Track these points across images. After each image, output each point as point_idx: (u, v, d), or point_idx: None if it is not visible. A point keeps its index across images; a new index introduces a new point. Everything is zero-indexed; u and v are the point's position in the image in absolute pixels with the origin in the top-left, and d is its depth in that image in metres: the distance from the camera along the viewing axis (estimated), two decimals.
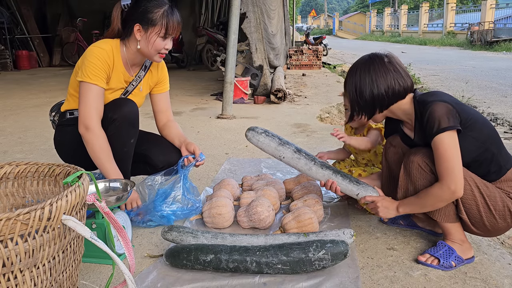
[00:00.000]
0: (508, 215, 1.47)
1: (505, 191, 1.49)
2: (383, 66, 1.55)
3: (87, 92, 1.72)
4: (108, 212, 1.16)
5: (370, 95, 1.55)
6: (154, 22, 1.73)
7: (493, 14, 19.45)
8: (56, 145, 1.97)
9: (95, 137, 1.71)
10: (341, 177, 1.76)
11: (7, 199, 1.30)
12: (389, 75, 1.54)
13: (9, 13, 10.25)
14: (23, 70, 9.87)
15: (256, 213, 1.80)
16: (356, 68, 1.60)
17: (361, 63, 1.60)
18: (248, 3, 5.68)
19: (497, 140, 1.51)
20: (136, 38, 1.77)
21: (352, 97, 1.60)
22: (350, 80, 1.60)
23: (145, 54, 1.81)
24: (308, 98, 5.85)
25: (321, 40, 14.42)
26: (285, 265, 1.45)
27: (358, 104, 1.60)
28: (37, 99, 5.61)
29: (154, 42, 1.75)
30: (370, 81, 1.55)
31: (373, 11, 40.48)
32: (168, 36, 1.77)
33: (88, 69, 1.72)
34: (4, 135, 3.71)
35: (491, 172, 1.50)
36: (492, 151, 1.49)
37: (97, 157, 1.73)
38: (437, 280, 1.46)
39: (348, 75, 1.64)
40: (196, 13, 11.85)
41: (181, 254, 1.51)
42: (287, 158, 1.80)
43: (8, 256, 0.89)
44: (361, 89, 1.57)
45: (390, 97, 1.55)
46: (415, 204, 1.57)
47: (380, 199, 1.69)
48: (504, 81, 7.53)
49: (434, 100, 1.47)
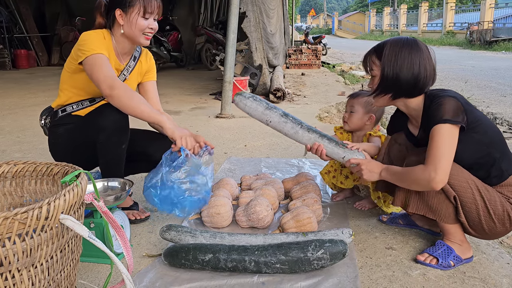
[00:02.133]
0: (507, 220, 1.47)
1: (505, 196, 1.48)
2: (424, 52, 1.54)
3: (96, 60, 1.70)
4: (106, 212, 1.16)
5: (406, 75, 1.52)
6: (132, 3, 1.77)
7: (493, 14, 19.46)
8: (50, 148, 1.93)
9: (122, 89, 1.67)
10: (327, 140, 1.78)
11: (5, 198, 1.29)
12: (428, 62, 1.54)
13: (8, 12, 10.22)
14: (22, 69, 9.84)
15: (255, 213, 1.80)
16: (398, 45, 1.55)
17: (403, 42, 1.56)
18: (248, 3, 5.68)
19: (501, 145, 1.51)
20: (120, 24, 1.80)
21: (386, 73, 1.55)
22: (390, 56, 1.54)
23: (131, 37, 1.82)
24: (307, 97, 5.85)
25: (320, 40, 14.41)
26: (283, 264, 1.45)
27: (391, 82, 1.55)
28: (35, 98, 5.60)
29: (136, 22, 1.78)
30: (410, 61, 1.52)
31: (373, 11, 40.49)
32: (148, 15, 1.79)
33: (90, 44, 1.72)
34: (2, 134, 3.71)
35: (492, 176, 1.49)
36: (495, 155, 1.48)
37: (130, 106, 1.68)
38: (436, 280, 1.46)
39: (387, 49, 1.56)
40: (195, 12, 11.82)
41: (179, 253, 1.51)
42: (274, 122, 1.80)
43: (6, 256, 0.89)
44: (400, 67, 1.52)
45: (421, 85, 1.54)
46: (395, 176, 1.58)
47: (366, 161, 1.69)
48: (503, 81, 7.54)
49: (445, 95, 1.48)
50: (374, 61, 1.59)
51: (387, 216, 1.92)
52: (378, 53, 1.59)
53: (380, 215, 1.94)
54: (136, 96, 1.72)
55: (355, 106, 2.05)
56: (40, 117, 2.01)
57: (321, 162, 2.80)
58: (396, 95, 1.58)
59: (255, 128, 3.92)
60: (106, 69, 1.70)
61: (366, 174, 1.66)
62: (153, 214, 2.01)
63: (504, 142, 1.53)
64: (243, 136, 3.63)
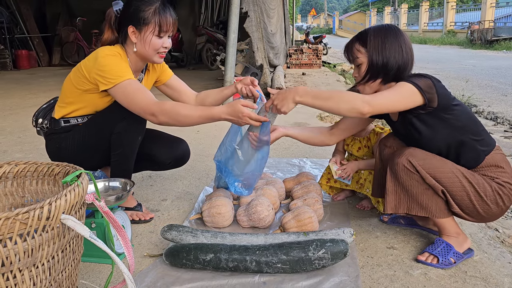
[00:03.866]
0: (500, 199, 1.49)
1: (490, 176, 1.51)
2: (406, 36, 1.59)
3: (127, 88, 1.62)
4: (108, 212, 1.16)
5: (395, 58, 1.54)
6: (146, 21, 1.68)
7: (493, 13, 19.44)
8: (51, 153, 1.87)
9: (166, 112, 1.60)
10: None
11: (6, 199, 1.29)
12: (410, 45, 1.59)
13: (9, 13, 10.23)
14: (23, 70, 9.85)
15: (256, 212, 1.80)
16: (381, 31, 1.58)
17: (386, 28, 1.59)
18: (249, 2, 5.67)
19: (475, 127, 1.54)
20: (132, 41, 1.72)
21: (375, 58, 1.56)
22: (376, 41, 1.56)
23: (144, 56, 1.75)
24: None
25: (321, 39, 14.42)
26: (285, 264, 1.45)
27: (380, 66, 1.56)
28: (36, 99, 5.60)
29: (150, 41, 1.70)
30: (397, 44, 1.55)
31: (373, 10, 40.44)
32: (163, 33, 1.71)
33: (112, 71, 1.63)
34: (3, 135, 3.71)
35: (469, 158, 1.52)
36: (469, 137, 1.51)
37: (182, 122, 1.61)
38: (437, 279, 1.46)
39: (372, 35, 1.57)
40: (196, 12, 11.83)
41: (180, 253, 1.51)
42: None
43: (7, 256, 0.89)
44: (388, 50, 1.55)
45: (408, 67, 1.57)
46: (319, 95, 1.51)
47: (275, 95, 1.59)
48: (504, 80, 7.53)
49: (422, 76, 1.53)
50: (359, 49, 1.59)
51: (388, 216, 1.91)
52: (362, 40, 1.59)
53: (381, 215, 1.94)
54: (181, 108, 1.62)
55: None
56: (35, 118, 1.91)
57: (322, 162, 2.80)
58: (386, 79, 1.59)
59: None
60: (143, 95, 1.62)
61: (281, 105, 1.55)
62: (155, 214, 2.01)
63: (480, 125, 1.56)
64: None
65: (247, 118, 1.54)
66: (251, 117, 1.55)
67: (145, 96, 1.63)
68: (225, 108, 1.56)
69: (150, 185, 2.44)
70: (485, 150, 1.53)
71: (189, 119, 1.60)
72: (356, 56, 1.60)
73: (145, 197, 2.25)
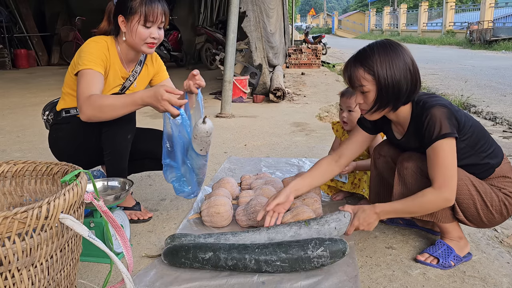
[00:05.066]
0: (504, 209, 1.49)
1: (497, 187, 1.50)
2: (407, 51, 1.45)
3: (85, 76, 1.66)
4: (106, 211, 1.16)
5: (405, 81, 1.42)
6: (133, 11, 1.72)
7: (492, 13, 19.46)
8: (50, 143, 1.94)
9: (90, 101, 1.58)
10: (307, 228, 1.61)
11: (5, 198, 1.29)
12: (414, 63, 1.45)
13: (8, 12, 10.21)
14: (22, 69, 9.84)
15: (255, 212, 1.80)
16: (386, 51, 1.42)
17: (389, 46, 1.44)
18: (248, 2, 5.67)
19: (486, 142, 1.51)
20: (122, 31, 1.77)
21: (385, 85, 1.41)
22: (384, 65, 1.40)
23: (132, 45, 1.79)
24: (307, 97, 5.85)
25: (320, 39, 14.42)
26: (284, 262, 1.45)
27: (391, 93, 1.43)
28: (35, 98, 5.60)
29: (137, 31, 1.74)
30: (404, 65, 1.42)
31: (372, 10, 40.48)
32: (149, 23, 1.74)
33: (84, 58, 1.69)
34: (2, 134, 3.71)
35: (481, 171, 1.51)
36: (483, 154, 1.49)
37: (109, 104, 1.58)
38: (436, 279, 1.46)
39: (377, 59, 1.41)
40: (195, 12, 11.82)
41: (179, 252, 1.51)
42: None
43: (6, 255, 0.89)
44: (399, 75, 1.41)
45: (418, 87, 1.47)
46: (399, 210, 1.49)
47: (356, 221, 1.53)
48: (503, 80, 7.53)
49: (435, 104, 1.43)
50: (364, 77, 1.43)
51: None
52: (366, 66, 1.42)
53: None
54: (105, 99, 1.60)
55: (353, 105, 2.04)
56: (43, 111, 2.01)
57: None
58: (396, 105, 1.48)
59: (255, 127, 3.92)
60: (85, 86, 1.62)
61: (366, 228, 1.52)
62: (154, 214, 2.01)
63: (489, 137, 1.54)
64: (243, 135, 3.63)
65: (166, 102, 1.51)
66: (171, 101, 1.51)
67: (86, 87, 1.62)
68: (147, 91, 1.55)
69: (149, 184, 2.44)
70: (495, 164, 1.51)
71: (114, 108, 1.58)
72: (360, 84, 1.44)
73: (144, 197, 2.25)
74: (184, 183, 1.88)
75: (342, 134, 2.21)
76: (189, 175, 1.86)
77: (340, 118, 2.13)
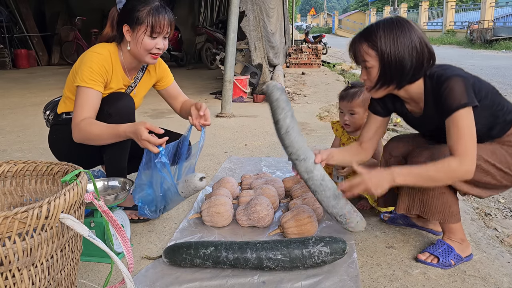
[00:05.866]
0: None
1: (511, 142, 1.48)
2: (418, 27, 1.42)
3: (82, 95, 1.69)
4: (107, 211, 1.16)
5: (410, 58, 1.39)
6: (140, 21, 1.70)
7: (493, 13, 19.46)
8: (50, 144, 1.95)
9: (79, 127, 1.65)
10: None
11: (5, 198, 1.29)
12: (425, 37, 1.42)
13: (8, 12, 10.22)
14: (22, 69, 9.84)
15: (255, 212, 1.80)
16: (391, 27, 1.40)
17: (395, 22, 1.41)
18: (247, 2, 5.67)
19: (500, 99, 1.49)
20: (127, 40, 1.75)
21: (388, 61, 1.39)
22: (388, 41, 1.38)
23: (136, 55, 1.77)
24: (307, 96, 5.85)
25: (321, 39, 14.42)
26: (285, 256, 1.46)
27: (394, 70, 1.40)
28: (36, 98, 5.59)
29: (142, 41, 1.72)
30: (410, 41, 1.38)
31: (373, 10, 40.44)
32: (156, 34, 1.72)
33: (85, 73, 1.69)
34: (2, 134, 3.71)
35: (500, 129, 1.49)
36: (500, 113, 1.47)
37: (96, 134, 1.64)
38: (436, 279, 1.46)
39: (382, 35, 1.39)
40: (195, 11, 11.82)
41: (181, 248, 1.52)
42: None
43: (6, 255, 0.89)
44: (403, 51, 1.38)
45: (425, 64, 1.43)
46: (417, 174, 1.40)
47: (366, 178, 1.43)
48: (504, 79, 7.54)
49: (451, 75, 1.39)
50: (368, 52, 1.42)
51: (388, 214, 1.91)
52: (370, 41, 1.41)
53: (382, 213, 1.94)
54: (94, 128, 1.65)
55: (355, 109, 2.03)
56: (44, 110, 2.02)
57: None
58: (401, 83, 1.45)
59: (255, 127, 3.92)
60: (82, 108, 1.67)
61: (375, 190, 1.42)
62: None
63: (500, 95, 1.52)
64: (243, 135, 3.63)
65: (145, 142, 1.57)
66: (150, 141, 1.57)
67: (80, 109, 1.68)
68: (129, 126, 1.61)
69: None
70: (510, 120, 1.49)
71: (100, 138, 1.65)
72: (364, 59, 1.44)
73: None
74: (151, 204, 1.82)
75: (342, 133, 2.20)
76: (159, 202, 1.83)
77: (341, 121, 2.12)
